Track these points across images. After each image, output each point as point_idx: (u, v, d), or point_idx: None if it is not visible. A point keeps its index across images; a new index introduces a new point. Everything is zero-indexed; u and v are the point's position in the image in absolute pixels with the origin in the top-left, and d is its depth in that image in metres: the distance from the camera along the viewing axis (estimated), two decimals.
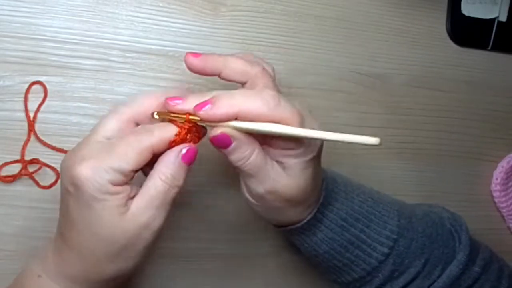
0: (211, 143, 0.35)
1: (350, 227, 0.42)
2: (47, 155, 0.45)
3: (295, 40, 0.53)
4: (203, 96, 0.34)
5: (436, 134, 0.58)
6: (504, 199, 0.60)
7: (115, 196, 0.33)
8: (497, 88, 0.61)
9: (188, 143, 0.35)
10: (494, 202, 0.60)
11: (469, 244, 0.45)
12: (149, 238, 0.35)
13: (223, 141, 0.34)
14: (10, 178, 0.44)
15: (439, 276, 0.43)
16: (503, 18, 0.60)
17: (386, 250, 0.42)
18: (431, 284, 0.43)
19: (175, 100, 0.35)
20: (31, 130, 0.45)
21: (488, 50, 0.60)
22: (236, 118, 0.34)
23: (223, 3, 0.50)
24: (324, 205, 0.42)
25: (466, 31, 0.59)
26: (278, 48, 0.52)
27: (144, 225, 0.34)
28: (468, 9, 0.59)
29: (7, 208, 0.44)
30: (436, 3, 0.59)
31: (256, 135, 0.35)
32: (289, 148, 0.36)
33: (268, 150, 0.37)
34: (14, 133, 0.44)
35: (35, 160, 0.44)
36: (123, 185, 0.34)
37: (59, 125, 0.45)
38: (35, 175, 0.45)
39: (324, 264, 0.44)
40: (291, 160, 0.36)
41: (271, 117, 0.34)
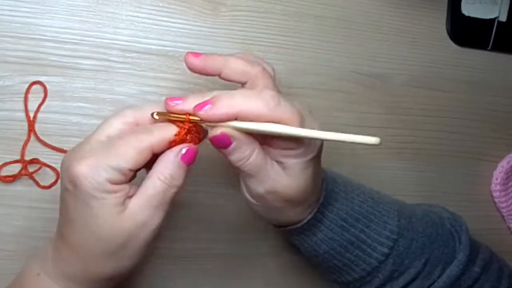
0: (211, 143, 0.35)
1: (350, 227, 0.42)
2: (47, 155, 0.45)
3: (295, 40, 0.53)
4: (203, 97, 0.34)
5: (436, 134, 0.58)
6: (504, 199, 0.60)
7: (113, 195, 0.33)
8: (497, 88, 0.61)
9: (188, 143, 0.35)
10: (494, 202, 0.60)
11: (469, 244, 0.45)
12: (147, 238, 0.35)
13: (223, 141, 0.34)
14: (10, 178, 0.44)
15: (439, 276, 0.43)
16: (503, 18, 0.60)
17: (386, 250, 0.42)
18: (431, 284, 0.43)
19: (174, 101, 0.35)
20: (31, 130, 0.45)
21: (488, 50, 0.60)
22: (236, 118, 0.34)
23: (223, 3, 0.50)
24: (324, 205, 0.42)
25: (466, 31, 0.59)
26: (278, 48, 0.52)
27: (142, 224, 0.34)
28: (468, 9, 0.59)
29: (7, 208, 0.44)
30: (436, 3, 0.59)
31: (256, 135, 0.35)
32: (289, 148, 0.36)
33: (268, 150, 0.37)
34: (14, 133, 0.44)
35: (35, 160, 0.44)
36: (122, 184, 0.34)
37: (59, 125, 0.45)
38: (35, 175, 0.45)
39: (324, 264, 0.44)
40: (291, 160, 0.36)
41: (271, 117, 0.34)
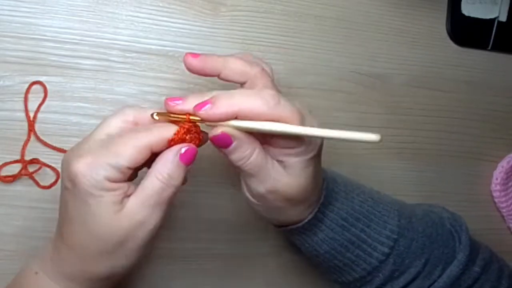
0: (212, 142, 0.35)
1: (350, 226, 0.42)
2: (47, 155, 0.45)
3: (295, 40, 0.53)
4: (202, 96, 0.35)
5: (436, 134, 0.58)
6: (504, 199, 0.60)
7: (111, 193, 0.33)
8: (497, 88, 0.61)
9: (187, 143, 0.35)
10: (494, 202, 0.60)
11: (469, 244, 0.45)
12: (144, 237, 0.35)
13: (223, 140, 0.34)
14: (10, 178, 0.44)
15: (439, 276, 0.43)
16: (503, 18, 0.60)
17: (387, 250, 0.42)
18: (432, 284, 0.43)
19: (175, 101, 0.35)
20: (31, 130, 0.45)
21: (488, 50, 0.60)
22: (236, 117, 0.34)
23: (223, 3, 0.50)
24: (325, 204, 0.42)
25: (466, 31, 0.59)
26: (278, 48, 0.52)
27: (139, 223, 0.34)
28: (468, 9, 0.59)
29: (7, 208, 0.44)
30: (436, 3, 0.59)
31: (256, 134, 0.35)
32: (289, 147, 0.36)
33: (269, 149, 0.37)
34: (14, 133, 0.44)
35: (35, 160, 0.44)
36: (120, 182, 0.34)
37: (59, 125, 0.45)
38: (35, 175, 0.45)
39: (325, 264, 0.44)
40: (291, 159, 0.36)
41: (271, 116, 0.34)
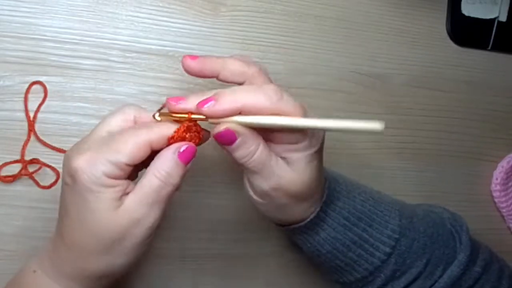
0: (216, 140, 0.35)
1: (352, 226, 0.42)
2: (47, 155, 0.45)
3: (295, 40, 0.53)
4: (204, 95, 0.35)
5: (436, 134, 0.58)
6: (504, 199, 0.60)
7: (110, 189, 0.33)
8: (497, 88, 0.61)
9: (187, 142, 0.35)
10: (494, 202, 0.60)
11: (469, 244, 0.45)
12: (141, 235, 0.35)
13: (227, 137, 0.34)
14: (10, 178, 0.44)
15: (440, 277, 0.43)
16: (503, 18, 0.60)
17: (388, 250, 0.42)
18: (433, 285, 0.43)
19: (176, 100, 0.35)
20: (31, 130, 0.45)
21: (488, 50, 0.60)
22: (239, 113, 0.34)
23: (223, 3, 0.50)
24: (327, 203, 0.42)
25: (466, 31, 0.59)
26: (278, 48, 0.52)
27: (136, 221, 0.34)
28: (468, 9, 0.59)
29: (7, 208, 0.44)
30: (436, 3, 0.59)
31: (258, 131, 0.35)
32: (293, 142, 0.36)
33: (272, 146, 0.36)
34: (14, 133, 0.44)
35: (35, 160, 0.44)
36: (119, 179, 0.34)
37: (59, 125, 0.45)
38: (35, 175, 0.45)
39: (327, 264, 0.44)
40: (295, 155, 0.36)
41: (275, 110, 0.34)
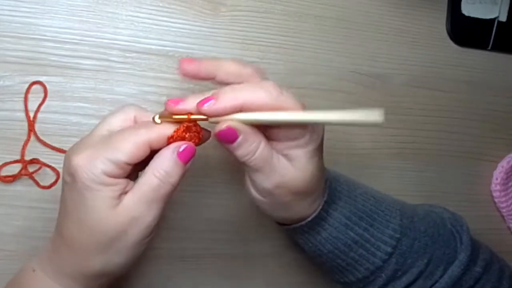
0: (217, 138, 0.35)
1: (354, 225, 0.42)
2: (47, 155, 0.45)
3: (295, 40, 0.53)
4: (203, 95, 0.35)
5: (436, 134, 0.58)
6: (504, 199, 0.60)
7: (109, 188, 0.33)
8: (497, 88, 0.61)
9: (186, 141, 0.35)
10: (494, 202, 0.60)
11: (470, 244, 0.45)
12: (139, 234, 0.35)
13: (229, 135, 0.34)
14: (10, 178, 0.44)
15: (441, 277, 0.43)
16: (503, 18, 0.60)
17: (390, 249, 0.42)
18: (433, 285, 0.43)
19: (175, 101, 0.35)
20: (31, 130, 0.45)
21: (488, 50, 0.60)
22: (240, 110, 0.34)
23: (223, 3, 0.50)
24: (328, 203, 0.42)
25: (466, 31, 0.59)
26: (278, 48, 0.52)
27: (135, 219, 0.34)
28: (468, 9, 0.59)
29: (7, 208, 0.44)
30: (436, 3, 0.59)
31: (259, 129, 0.35)
32: (293, 138, 0.36)
33: (272, 144, 0.37)
34: (14, 133, 0.44)
35: (35, 160, 0.44)
36: (118, 178, 0.34)
37: (59, 125, 0.45)
38: (35, 175, 0.45)
39: (328, 264, 0.44)
40: (296, 151, 0.36)
41: (275, 106, 0.34)
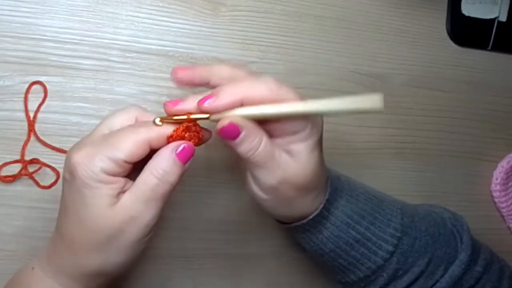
0: (220, 135, 0.35)
1: (355, 224, 0.42)
2: (47, 155, 0.45)
3: (295, 40, 0.53)
4: (202, 95, 0.35)
5: (436, 134, 0.58)
6: (504, 199, 0.60)
7: (107, 186, 0.33)
8: (497, 88, 0.61)
9: (185, 141, 0.35)
10: (494, 202, 0.60)
11: (471, 244, 0.45)
12: (137, 233, 0.35)
13: (231, 131, 0.34)
14: (10, 178, 0.44)
15: (441, 276, 0.43)
16: (503, 18, 0.60)
17: (391, 248, 0.42)
18: (434, 284, 0.43)
19: (174, 103, 0.36)
20: (31, 130, 0.45)
21: (488, 50, 0.60)
22: (241, 105, 0.34)
23: (223, 3, 0.50)
24: (330, 201, 0.42)
25: (466, 31, 0.59)
26: (278, 48, 0.52)
27: (132, 218, 0.34)
28: (468, 9, 0.59)
29: (7, 208, 0.44)
30: (436, 3, 0.59)
31: (260, 125, 0.35)
32: (294, 133, 0.36)
33: (274, 140, 0.37)
34: (14, 133, 0.44)
35: (35, 160, 0.44)
36: (117, 176, 0.34)
37: (59, 125, 0.45)
38: (35, 175, 0.45)
39: (330, 264, 0.44)
40: (297, 146, 0.36)
41: (275, 100, 0.34)
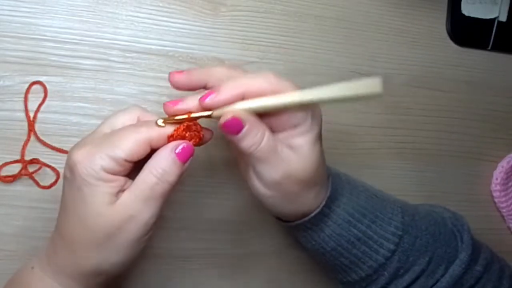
0: (223, 130, 0.35)
1: (357, 222, 0.42)
2: (47, 155, 0.45)
3: (295, 40, 0.53)
4: (201, 94, 0.35)
5: (436, 134, 0.58)
6: (504, 199, 0.60)
7: (107, 184, 0.34)
8: (497, 88, 0.61)
9: (185, 141, 0.35)
10: (494, 202, 0.60)
11: (471, 243, 0.45)
12: (136, 231, 0.35)
13: (234, 125, 0.35)
14: (10, 178, 0.44)
15: (442, 276, 0.43)
16: (503, 18, 0.60)
17: (392, 247, 0.42)
18: (435, 284, 0.43)
19: (174, 103, 0.36)
20: (31, 130, 0.45)
21: (488, 50, 0.60)
22: (242, 99, 0.34)
23: (223, 3, 0.50)
24: (331, 199, 0.42)
25: (466, 31, 0.59)
26: (278, 48, 0.52)
27: (130, 217, 0.34)
28: (468, 9, 0.59)
29: (7, 208, 0.44)
30: (436, 3, 0.59)
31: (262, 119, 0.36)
32: (295, 126, 0.36)
33: (275, 136, 0.37)
34: (14, 133, 0.44)
35: (35, 160, 0.44)
36: (117, 174, 0.34)
37: (59, 125, 0.45)
38: (35, 175, 0.45)
39: (331, 263, 0.44)
40: (299, 140, 0.37)
41: (275, 92, 0.35)
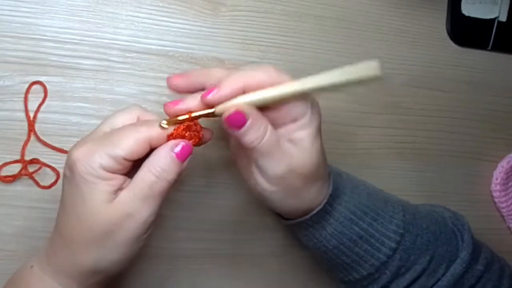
0: (226, 125, 0.35)
1: (359, 220, 0.42)
2: (47, 155, 0.45)
3: (295, 40, 0.53)
4: (201, 93, 0.35)
5: (436, 134, 0.58)
6: (504, 199, 0.60)
7: (105, 182, 0.34)
8: (497, 88, 0.61)
9: (184, 140, 0.36)
10: (494, 202, 0.60)
11: (471, 242, 0.45)
12: (134, 230, 0.35)
13: (237, 119, 0.35)
14: (10, 178, 0.44)
15: (443, 275, 0.43)
16: (503, 18, 0.60)
17: (394, 245, 0.42)
18: (436, 283, 0.43)
19: (174, 103, 0.36)
20: (31, 130, 0.45)
21: (488, 50, 0.60)
22: (243, 92, 0.35)
23: (223, 3, 0.50)
24: (333, 197, 0.42)
25: (466, 31, 0.59)
26: (278, 48, 0.52)
27: (129, 215, 0.34)
28: (468, 9, 0.59)
29: (7, 208, 0.44)
30: (436, 3, 0.59)
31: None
32: (295, 119, 0.37)
33: (276, 131, 0.37)
34: (14, 133, 0.44)
35: (35, 160, 0.44)
36: (116, 173, 0.34)
37: (59, 125, 0.45)
38: (35, 175, 0.45)
39: (333, 261, 0.44)
40: (299, 134, 0.37)
41: (275, 85, 0.35)
